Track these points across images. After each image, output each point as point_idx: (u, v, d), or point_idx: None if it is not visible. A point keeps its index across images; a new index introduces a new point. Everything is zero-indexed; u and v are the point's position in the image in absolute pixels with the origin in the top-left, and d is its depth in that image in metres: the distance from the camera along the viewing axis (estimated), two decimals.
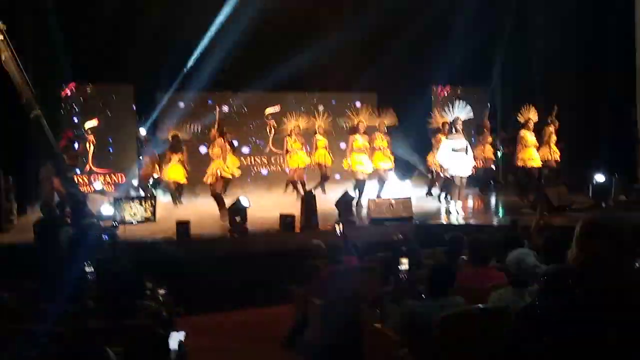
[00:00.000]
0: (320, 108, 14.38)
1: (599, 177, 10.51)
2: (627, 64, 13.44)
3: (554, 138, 12.04)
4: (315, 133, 12.26)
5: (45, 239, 7.62)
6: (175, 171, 11.50)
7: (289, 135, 12.23)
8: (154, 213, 9.62)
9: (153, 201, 9.79)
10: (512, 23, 14.45)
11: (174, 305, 5.73)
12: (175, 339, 3.54)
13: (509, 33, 14.57)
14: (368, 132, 11.82)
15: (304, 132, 12.41)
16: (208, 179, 10.36)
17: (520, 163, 11.80)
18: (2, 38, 8.40)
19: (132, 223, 9.05)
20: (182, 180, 11.62)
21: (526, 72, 14.75)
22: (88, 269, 5.56)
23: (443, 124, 11.45)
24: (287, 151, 12.24)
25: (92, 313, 4.27)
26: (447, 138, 10.53)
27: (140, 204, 9.58)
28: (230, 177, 10.61)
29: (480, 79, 15.24)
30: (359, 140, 11.48)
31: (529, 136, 11.81)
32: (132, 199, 9.74)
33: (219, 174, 10.29)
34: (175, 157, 11.54)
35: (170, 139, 11.71)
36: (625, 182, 10.59)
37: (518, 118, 11.98)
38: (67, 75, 12.51)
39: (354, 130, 11.69)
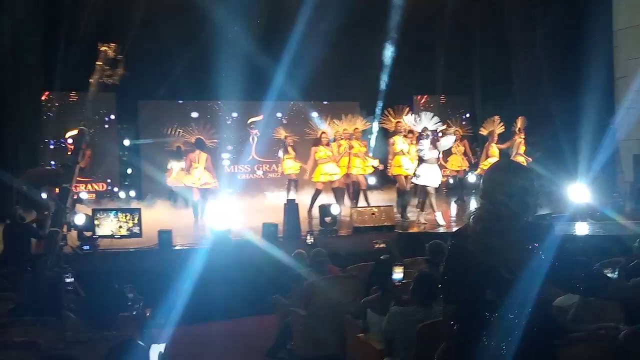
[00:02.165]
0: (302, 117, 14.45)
1: (577, 186, 10.59)
2: (606, 74, 13.65)
3: (522, 148, 12.20)
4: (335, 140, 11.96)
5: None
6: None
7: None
8: (139, 227, 8.70)
9: (138, 215, 8.94)
10: (490, 34, 14.63)
11: (156, 316, 5.69)
12: (156, 350, 3.50)
13: (488, 43, 14.75)
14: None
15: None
16: None
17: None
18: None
19: (114, 237, 8.36)
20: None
21: (505, 82, 14.93)
22: (68, 280, 5.50)
23: (397, 122, 11.41)
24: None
25: (71, 325, 4.22)
26: (417, 148, 10.64)
27: (126, 218, 8.83)
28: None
29: (460, 88, 15.41)
30: (321, 151, 11.47)
31: (493, 147, 12.21)
32: (116, 211, 9.02)
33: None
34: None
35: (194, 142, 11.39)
36: (605, 192, 10.69)
37: (480, 131, 12.15)
38: (47, 82, 12.44)
39: (318, 141, 11.71)
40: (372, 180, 12.41)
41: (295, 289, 6.49)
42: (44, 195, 9.37)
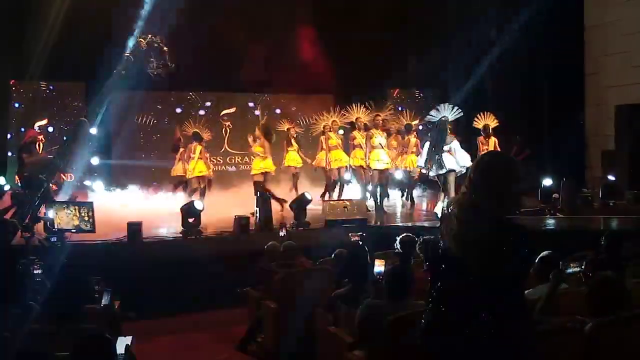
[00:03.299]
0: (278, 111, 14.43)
1: (547, 181, 10.75)
2: (576, 68, 13.84)
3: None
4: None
5: None
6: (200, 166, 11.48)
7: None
8: (92, 223, 8.11)
9: (90, 209, 8.29)
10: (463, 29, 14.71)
11: (124, 309, 5.62)
12: (122, 343, 3.46)
13: (460, 38, 14.83)
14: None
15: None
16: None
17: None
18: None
19: (70, 231, 8.00)
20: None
21: (476, 76, 15.04)
22: (37, 272, 5.41)
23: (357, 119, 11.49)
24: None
25: (37, 317, 4.15)
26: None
27: (78, 212, 8.24)
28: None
29: (434, 82, 15.51)
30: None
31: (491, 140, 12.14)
32: (67, 204, 8.38)
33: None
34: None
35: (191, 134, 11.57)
36: (573, 187, 10.84)
37: (475, 124, 12.19)
38: (16, 71, 12.24)
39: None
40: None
41: (266, 282, 6.47)
42: None
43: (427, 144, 9.73)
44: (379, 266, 5.15)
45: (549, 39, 13.36)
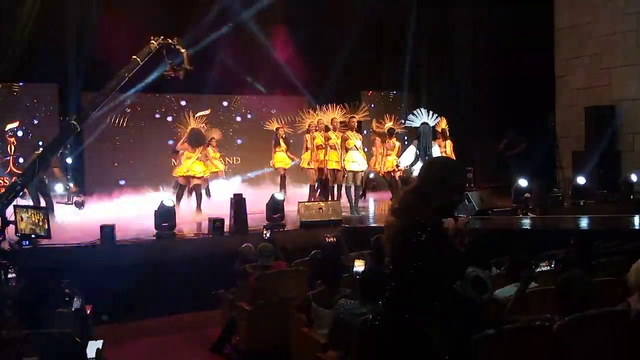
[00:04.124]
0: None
1: (522, 182, 10.88)
2: (546, 70, 14.05)
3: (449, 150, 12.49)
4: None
5: None
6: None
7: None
8: (46, 229, 7.77)
9: (45, 214, 7.90)
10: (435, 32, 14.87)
11: (97, 313, 5.58)
12: (93, 347, 3.43)
13: (432, 41, 14.98)
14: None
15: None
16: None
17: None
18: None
19: (30, 236, 7.71)
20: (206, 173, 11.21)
21: (448, 78, 15.20)
22: (8, 276, 5.34)
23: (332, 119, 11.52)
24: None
25: (7, 322, 4.09)
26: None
27: (34, 217, 7.86)
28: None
29: (407, 84, 15.63)
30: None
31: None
32: (27, 208, 8.02)
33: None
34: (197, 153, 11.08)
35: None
36: (544, 187, 11.00)
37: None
38: None
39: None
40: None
41: (240, 284, 6.46)
42: None
43: (412, 148, 9.86)
44: (359, 267, 5.18)
45: (520, 41, 13.53)
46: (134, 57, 8.79)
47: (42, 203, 9.64)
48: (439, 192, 2.75)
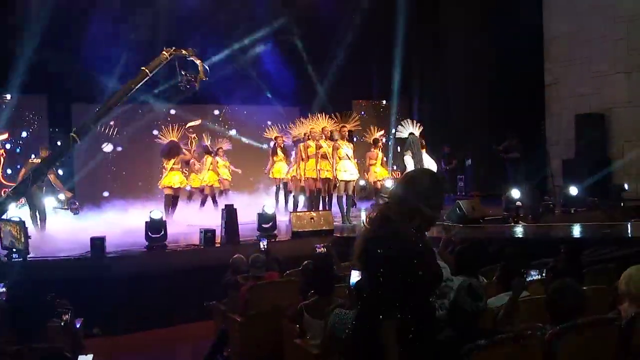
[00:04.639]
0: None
1: (513, 191, 10.91)
2: (536, 79, 14.13)
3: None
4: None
5: None
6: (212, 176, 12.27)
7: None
8: (24, 243, 7.52)
9: (22, 227, 7.57)
10: (429, 42, 14.95)
11: (89, 326, 5.53)
12: None
13: (427, 50, 15.04)
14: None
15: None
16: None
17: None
18: None
19: (12, 250, 7.53)
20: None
21: (439, 86, 15.26)
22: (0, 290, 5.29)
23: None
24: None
25: None
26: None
27: (13, 229, 7.60)
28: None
29: (399, 93, 15.69)
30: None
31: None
32: (8, 221, 7.79)
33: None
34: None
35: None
36: (536, 195, 11.04)
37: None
38: None
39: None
40: None
41: (232, 295, 6.42)
42: None
43: (407, 158, 10.08)
44: (355, 277, 5.15)
45: (511, 49, 13.61)
46: (143, 68, 8.67)
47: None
48: (416, 205, 2.76)
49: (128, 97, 8.90)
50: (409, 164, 10.50)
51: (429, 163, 11.02)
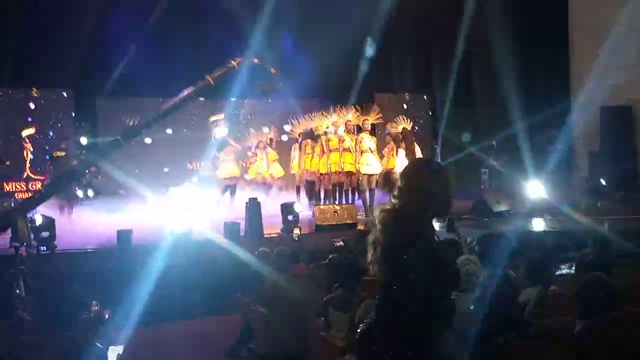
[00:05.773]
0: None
1: (538, 184, 10.78)
2: (563, 70, 13.95)
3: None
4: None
5: None
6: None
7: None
8: (52, 237, 7.68)
9: (26, 223, 7.60)
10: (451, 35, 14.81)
11: (114, 317, 5.59)
12: (114, 352, 3.44)
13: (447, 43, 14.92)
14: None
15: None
16: None
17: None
18: None
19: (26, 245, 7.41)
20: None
21: (466, 82, 15.11)
22: (27, 282, 5.38)
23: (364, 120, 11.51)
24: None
25: (27, 327, 4.12)
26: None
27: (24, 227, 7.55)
28: None
29: (422, 87, 15.59)
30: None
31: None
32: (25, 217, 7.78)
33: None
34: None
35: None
36: (561, 189, 10.93)
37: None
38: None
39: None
40: None
41: (257, 287, 6.44)
42: None
43: (402, 152, 10.18)
44: None
45: (536, 40, 13.44)
46: (207, 76, 8.39)
47: None
48: (420, 203, 2.65)
49: (185, 104, 8.75)
50: (402, 158, 10.44)
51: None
